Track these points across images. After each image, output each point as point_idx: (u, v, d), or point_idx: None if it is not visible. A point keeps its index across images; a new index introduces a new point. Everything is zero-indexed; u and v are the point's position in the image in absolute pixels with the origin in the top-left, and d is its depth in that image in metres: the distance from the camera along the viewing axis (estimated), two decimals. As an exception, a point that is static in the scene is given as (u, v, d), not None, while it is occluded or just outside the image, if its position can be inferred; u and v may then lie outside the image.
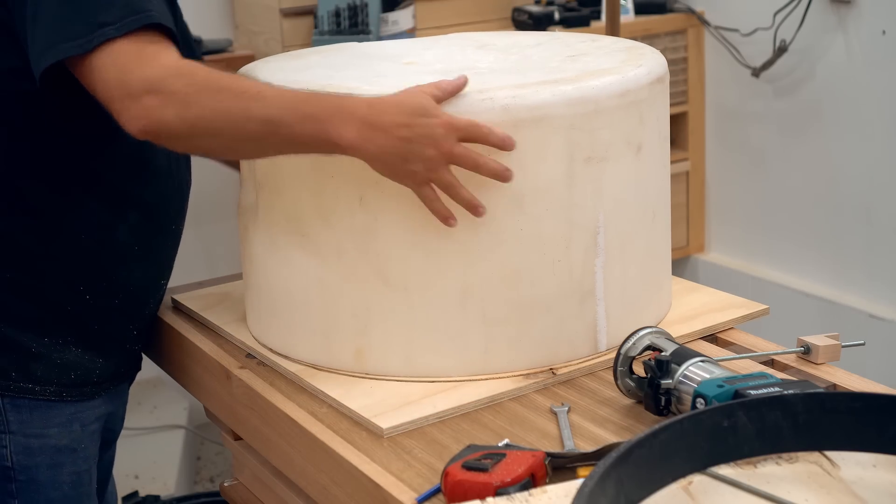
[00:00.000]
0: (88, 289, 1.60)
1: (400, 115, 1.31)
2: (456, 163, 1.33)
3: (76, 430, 1.63)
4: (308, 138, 1.33)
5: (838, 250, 3.32)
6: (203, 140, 1.38)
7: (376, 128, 1.31)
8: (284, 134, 1.33)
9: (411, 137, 1.31)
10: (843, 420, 1.13)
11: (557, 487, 1.12)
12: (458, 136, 1.32)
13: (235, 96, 1.34)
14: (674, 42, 3.58)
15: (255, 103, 1.34)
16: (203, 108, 1.34)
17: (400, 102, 1.33)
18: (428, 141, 1.31)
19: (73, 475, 1.63)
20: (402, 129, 1.31)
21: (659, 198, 1.57)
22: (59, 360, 1.60)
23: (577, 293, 1.46)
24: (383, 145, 1.31)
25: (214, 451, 3.47)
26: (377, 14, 3.05)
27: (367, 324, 1.45)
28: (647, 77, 1.49)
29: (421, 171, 1.32)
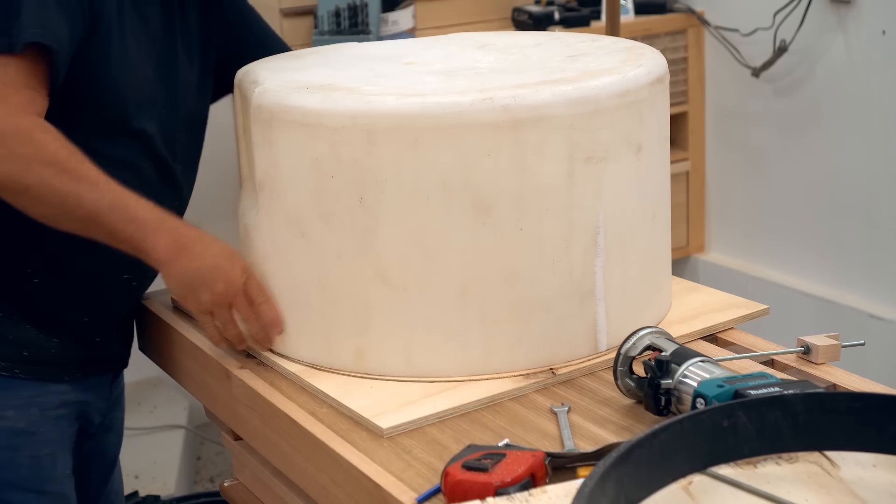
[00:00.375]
0: (36, 272, 1.62)
1: (206, 247, 1.48)
2: (237, 303, 1.48)
3: (34, 414, 1.63)
4: (125, 238, 1.45)
5: (838, 250, 3.32)
6: (26, 203, 1.45)
7: (183, 249, 1.46)
8: (106, 228, 1.44)
9: (208, 269, 1.46)
10: (843, 420, 1.13)
11: (557, 487, 1.12)
12: (248, 287, 1.49)
13: (73, 180, 1.43)
14: (674, 42, 3.58)
15: (88, 193, 1.43)
16: (41, 180, 1.41)
17: (213, 240, 1.49)
18: (222, 277, 1.47)
19: (32, 458, 1.64)
20: (205, 260, 1.47)
21: (659, 198, 1.57)
22: (13, 337, 1.62)
23: (577, 293, 1.46)
24: (184, 269, 1.46)
25: (214, 451, 3.47)
26: (377, 14, 3.05)
27: (368, 324, 1.45)
28: (647, 77, 1.49)
29: (206, 302, 1.47)
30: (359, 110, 1.39)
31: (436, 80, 1.50)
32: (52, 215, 1.46)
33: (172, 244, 1.45)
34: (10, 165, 1.41)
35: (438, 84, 1.48)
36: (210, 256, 1.47)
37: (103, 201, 1.43)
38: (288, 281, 1.51)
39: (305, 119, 1.42)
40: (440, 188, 1.39)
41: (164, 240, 1.45)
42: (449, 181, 1.38)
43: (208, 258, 1.47)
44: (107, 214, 1.43)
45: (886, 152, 3.13)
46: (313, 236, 1.46)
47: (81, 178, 1.43)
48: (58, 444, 1.68)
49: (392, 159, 1.39)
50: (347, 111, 1.40)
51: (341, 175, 1.41)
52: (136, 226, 1.44)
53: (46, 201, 1.44)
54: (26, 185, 1.42)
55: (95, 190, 1.43)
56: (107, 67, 1.54)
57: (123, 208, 1.44)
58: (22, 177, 1.42)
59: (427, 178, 1.39)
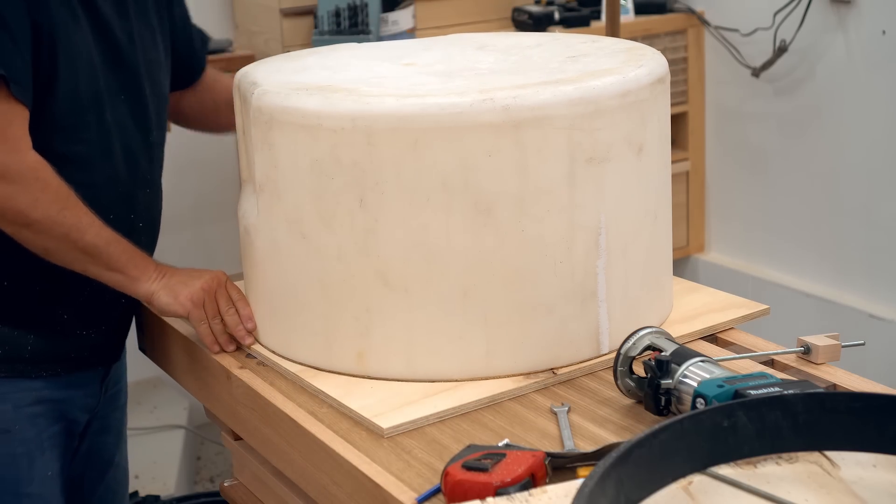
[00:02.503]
0: (6, 271, 1.64)
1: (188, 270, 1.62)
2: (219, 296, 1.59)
3: (7, 410, 1.65)
4: (120, 267, 1.57)
5: (838, 250, 3.32)
6: (28, 233, 1.53)
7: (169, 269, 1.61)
8: (104, 259, 1.55)
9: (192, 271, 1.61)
10: (843, 420, 1.13)
11: (557, 487, 1.12)
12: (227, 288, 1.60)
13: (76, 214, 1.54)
14: (674, 42, 3.58)
15: (89, 227, 1.54)
16: (48, 215, 1.51)
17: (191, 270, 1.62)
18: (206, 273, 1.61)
19: (7, 457, 1.65)
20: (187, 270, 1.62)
21: (660, 198, 1.57)
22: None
23: (579, 294, 1.46)
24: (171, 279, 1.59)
25: (214, 451, 3.47)
26: (377, 14, 3.05)
27: (369, 326, 1.45)
28: (647, 77, 1.49)
29: (196, 291, 1.58)
30: (358, 111, 1.39)
31: (436, 81, 1.50)
32: (53, 247, 1.55)
33: (161, 268, 1.60)
34: (19, 201, 1.50)
35: (438, 85, 1.48)
36: (191, 269, 1.63)
37: (102, 236, 1.55)
38: (288, 283, 1.51)
39: (305, 120, 1.42)
40: (440, 189, 1.39)
41: (153, 266, 1.60)
42: (449, 182, 1.38)
43: (197, 270, 1.63)
44: (106, 247, 1.55)
45: (886, 152, 3.13)
46: (314, 238, 1.46)
47: (83, 214, 1.54)
48: (34, 444, 1.67)
49: (392, 160, 1.39)
50: (347, 112, 1.39)
51: (341, 176, 1.41)
52: (129, 256, 1.57)
53: (51, 234, 1.53)
54: (33, 219, 1.51)
55: (95, 225, 1.55)
56: (55, 65, 1.57)
57: (118, 241, 1.57)
58: (30, 212, 1.51)
59: (427, 179, 1.38)
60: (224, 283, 1.61)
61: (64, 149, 1.60)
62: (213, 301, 1.58)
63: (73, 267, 1.57)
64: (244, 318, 1.59)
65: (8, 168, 1.50)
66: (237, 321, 1.59)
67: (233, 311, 1.59)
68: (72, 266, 1.57)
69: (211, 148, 3.59)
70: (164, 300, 1.58)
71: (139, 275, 1.58)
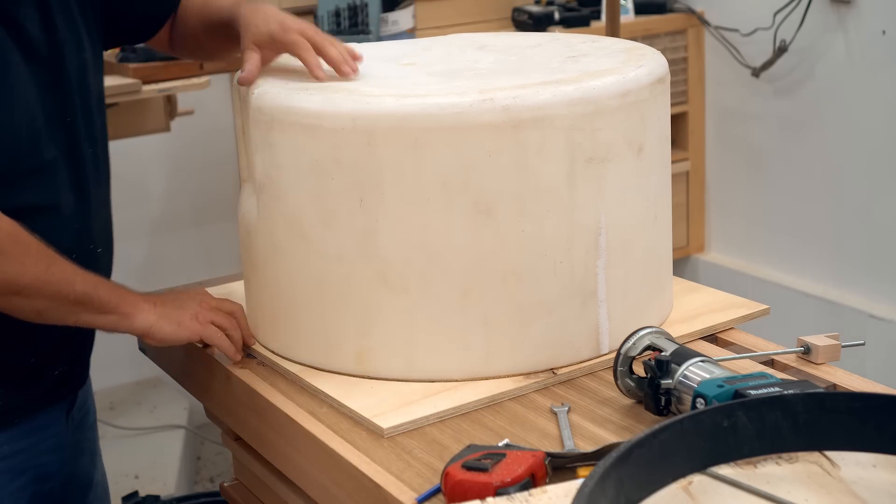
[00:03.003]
0: None
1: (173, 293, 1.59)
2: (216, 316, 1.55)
3: None
4: (112, 307, 1.49)
5: (838, 250, 3.32)
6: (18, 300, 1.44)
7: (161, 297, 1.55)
8: (95, 304, 1.47)
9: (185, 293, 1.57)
10: (843, 420, 1.13)
11: (557, 487, 1.12)
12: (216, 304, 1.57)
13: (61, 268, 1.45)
14: (674, 42, 3.58)
15: (77, 277, 1.46)
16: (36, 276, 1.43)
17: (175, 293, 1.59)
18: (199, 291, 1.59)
19: None
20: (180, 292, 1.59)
21: (660, 198, 1.57)
22: None
23: (579, 295, 1.46)
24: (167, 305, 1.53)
25: (214, 451, 3.47)
26: (377, 14, 3.05)
27: (369, 326, 1.45)
28: (647, 77, 1.49)
29: (202, 312, 1.54)
30: (358, 111, 1.39)
31: (435, 81, 1.50)
32: (45, 307, 1.46)
33: (151, 298, 1.54)
34: (5, 271, 1.41)
35: (438, 85, 1.47)
36: (174, 293, 1.59)
37: (89, 282, 1.48)
38: (288, 283, 1.51)
39: (305, 120, 1.42)
40: (440, 189, 1.39)
41: (138, 298, 1.53)
42: (449, 182, 1.38)
43: (180, 292, 1.59)
44: (95, 291, 1.48)
45: (886, 152, 3.13)
46: (314, 238, 1.46)
47: (66, 264, 1.46)
48: (8, 500, 1.58)
49: (392, 160, 1.39)
50: (347, 112, 1.39)
51: (341, 176, 1.41)
52: (118, 294, 1.50)
53: (43, 294, 1.44)
54: (24, 285, 1.43)
55: (80, 273, 1.47)
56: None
57: (103, 282, 1.50)
58: (19, 278, 1.42)
59: (427, 179, 1.38)
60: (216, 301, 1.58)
61: (8, 204, 1.45)
62: (219, 312, 1.56)
63: (65, 321, 1.49)
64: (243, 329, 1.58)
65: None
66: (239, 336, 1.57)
67: (234, 325, 1.57)
68: (64, 321, 1.49)
69: (211, 148, 3.60)
70: (167, 329, 1.52)
71: (131, 310, 1.51)
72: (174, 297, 1.56)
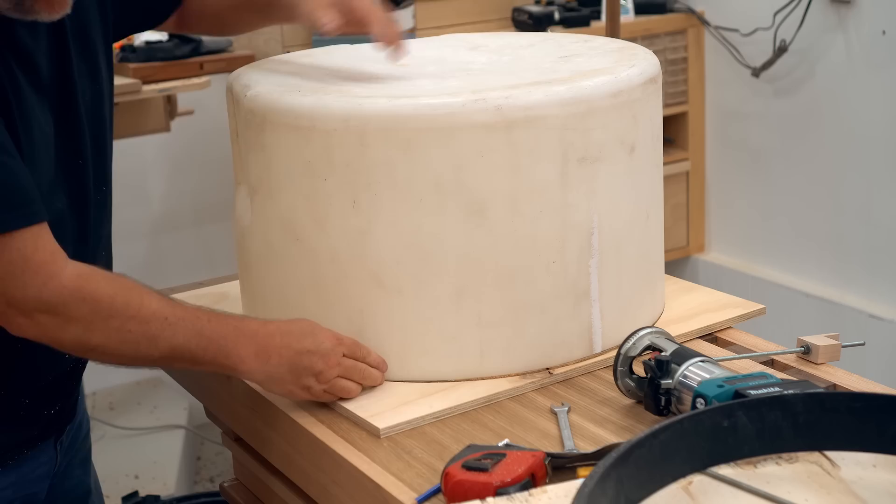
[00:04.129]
0: None
1: (287, 337, 1.39)
2: (345, 375, 1.40)
3: None
4: (209, 361, 1.36)
5: (838, 250, 3.32)
6: (102, 358, 1.35)
7: (269, 350, 1.37)
8: (188, 359, 1.36)
9: (301, 353, 1.38)
10: (843, 420, 1.13)
11: (557, 487, 1.12)
12: (343, 350, 1.40)
13: (141, 324, 1.32)
14: (674, 42, 3.58)
15: (161, 332, 1.33)
16: (108, 338, 1.31)
17: (288, 326, 1.41)
18: (316, 356, 1.38)
19: None
20: (291, 349, 1.38)
21: (653, 198, 1.57)
22: None
23: (572, 294, 1.46)
24: (277, 365, 1.37)
25: (214, 451, 3.47)
26: (377, 14, 3.04)
27: (362, 327, 1.45)
28: (639, 77, 1.48)
29: (315, 386, 1.39)
30: (351, 112, 1.39)
31: (428, 82, 1.50)
32: (127, 362, 1.38)
33: (256, 352, 1.37)
34: (72, 331, 1.31)
35: (431, 85, 1.47)
36: (295, 343, 1.39)
37: (178, 335, 1.34)
38: (282, 284, 1.51)
39: (297, 121, 1.42)
40: (433, 190, 1.39)
41: (245, 350, 1.37)
42: (442, 182, 1.38)
43: (294, 345, 1.39)
44: (184, 346, 1.34)
45: (886, 152, 3.13)
46: (307, 239, 1.46)
47: (149, 320, 1.32)
48: None
49: (385, 161, 1.38)
50: (339, 113, 1.39)
51: (334, 177, 1.41)
52: (217, 346, 1.36)
53: (119, 353, 1.34)
54: (94, 345, 1.32)
55: (167, 326, 1.33)
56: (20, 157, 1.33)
57: (198, 334, 1.35)
58: (87, 339, 1.31)
59: (420, 179, 1.38)
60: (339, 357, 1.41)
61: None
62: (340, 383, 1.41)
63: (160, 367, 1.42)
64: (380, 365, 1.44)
65: (47, 301, 1.28)
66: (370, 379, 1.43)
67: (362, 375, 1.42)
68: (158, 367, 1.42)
69: (211, 148, 3.60)
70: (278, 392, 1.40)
71: (234, 365, 1.37)
72: (292, 359, 1.38)
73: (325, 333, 1.41)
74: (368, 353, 1.43)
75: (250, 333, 1.38)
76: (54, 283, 1.29)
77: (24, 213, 1.28)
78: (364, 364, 1.42)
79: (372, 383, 1.43)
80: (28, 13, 1.33)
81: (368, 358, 1.43)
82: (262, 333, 1.38)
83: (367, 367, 1.42)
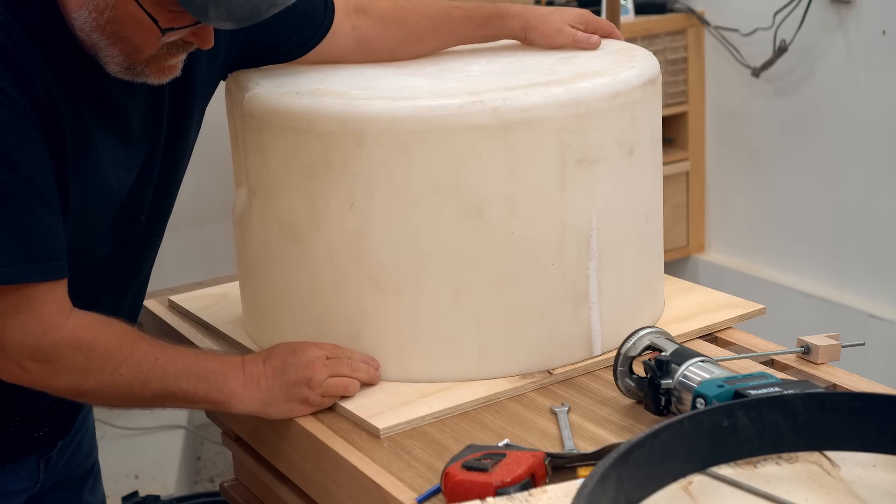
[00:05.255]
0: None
1: (270, 360, 1.41)
2: (335, 373, 1.40)
3: None
4: (202, 399, 1.39)
5: (838, 250, 3.32)
6: (95, 401, 1.40)
7: (257, 377, 1.40)
8: (180, 398, 1.38)
9: (286, 369, 1.40)
10: (843, 420, 1.13)
11: (557, 487, 1.12)
12: (325, 353, 1.42)
13: (132, 368, 1.34)
14: (674, 42, 3.58)
15: (152, 373, 1.35)
16: (101, 383, 1.34)
17: (267, 352, 1.43)
18: (301, 366, 1.40)
19: None
20: (276, 369, 1.40)
21: (652, 200, 1.57)
22: None
23: (571, 296, 1.46)
24: (268, 388, 1.39)
25: (214, 451, 3.47)
26: (377, 14, 3.04)
27: (361, 329, 1.45)
28: (638, 79, 1.48)
29: (310, 394, 1.39)
30: (348, 114, 1.39)
31: (426, 84, 1.50)
32: (119, 405, 1.43)
33: (245, 381, 1.40)
34: (65, 378, 1.33)
35: (428, 87, 1.47)
36: (279, 363, 1.41)
37: (169, 376, 1.36)
38: (281, 285, 1.51)
39: (296, 124, 1.42)
40: (431, 192, 1.38)
41: (235, 382, 1.40)
42: (440, 184, 1.38)
43: (278, 365, 1.41)
44: (175, 386, 1.37)
45: (886, 152, 3.13)
46: (305, 241, 1.46)
47: (141, 363, 1.35)
48: None
49: (382, 163, 1.38)
50: (337, 115, 1.39)
51: (332, 179, 1.41)
52: (207, 382, 1.38)
53: (112, 396, 1.37)
54: (87, 390, 1.35)
55: (158, 368, 1.36)
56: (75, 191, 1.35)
57: (188, 373, 1.37)
58: (80, 385, 1.34)
59: (418, 181, 1.38)
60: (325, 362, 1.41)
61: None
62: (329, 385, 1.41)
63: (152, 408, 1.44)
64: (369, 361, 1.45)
65: (43, 350, 1.30)
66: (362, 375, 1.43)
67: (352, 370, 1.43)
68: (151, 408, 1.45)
69: (211, 148, 3.58)
70: (277, 415, 1.41)
71: (226, 400, 1.39)
72: (278, 379, 1.40)
73: (304, 345, 1.43)
74: (353, 352, 1.44)
75: (236, 365, 1.40)
76: (53, 335, 1.31)
77: (44, 269, 1.29)
78: (349, 358, 1.43)
79: (366, 377, 1.43)
80: (138, 76, 1.35)
81: (353, 355, 1.44)
82: (247, 362, 1.41)
83: (353, 360, 1.43)
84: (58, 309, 1.32)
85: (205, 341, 1.65)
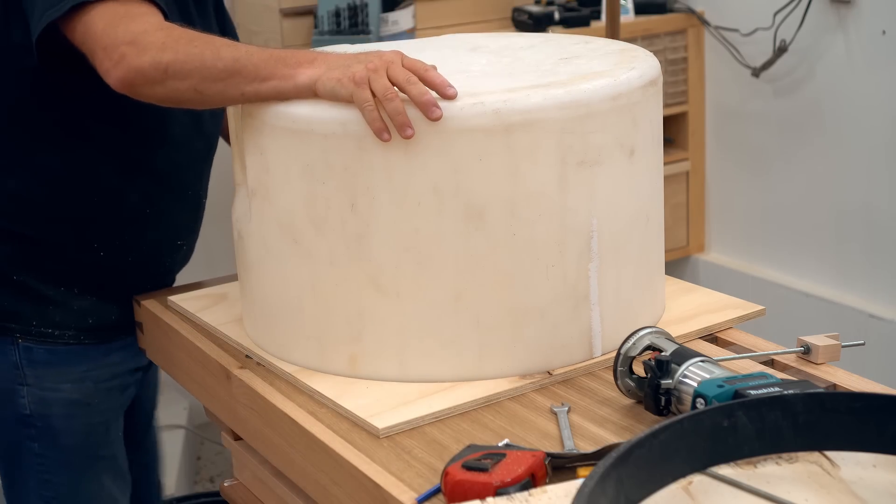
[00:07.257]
0: (102, 246, 1.77)
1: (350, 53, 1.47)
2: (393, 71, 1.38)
3: (89, 387, 1.81)
4: (268, 74, 1.44)
5: (838, 250, 3.32)
6: (173, 83, 1.48)
7: (328, 57, 1.44)
8: (249, 71, 1.44)
9: (359, 55, 1.44)
10: (843, 420, 1.13)
11: (557, 487, 1.12)
12: (404, 61, 1.41)
13: (207, 42, 1.48)
14: (674, 42, 3.58)
15: (225, 47, 1.47)
16: (177, 52, 1.46)
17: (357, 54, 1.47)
18: (374, 55, 1.42)
19: (86, 426, 1.83)
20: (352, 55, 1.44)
21: (652, 201, 1.57)
22: (76, 307, 1.78)
23: (572, 298, 1.46)
24: (332, 63, 1.42)
25: (214, 451, 3.47)
26: (377, 14, 3.05)
27: (361, 330, 1.45)
28: (639, 80, 1.48)
29: (360, 71, 1.38)
30: (349, 116, 1.38)
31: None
32: (194, 85, 1.47)
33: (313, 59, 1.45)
34: (148, 55, 1.47)
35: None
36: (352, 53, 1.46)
37: (240, 49, 1.47)
38: (281, 287, 1.51)
39: (296, 125, 1.42)
40: (431, 194, 1.38)
41: (304, 57, 1.45)
42: (440, 186, 1.38)
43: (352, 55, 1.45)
44: (247, 59, 1.45)
45: (886, 152, 3.13)
46: (305, 243, 1.46)
47: (212, 39, 1.49)
48: (111, 413, 1.86)
49: (383, 165, 1.38)
50: (338, 117, 1.39)
51: (332, 181, 1.41)
52: (276, 57, 1.45)
53: (187, 70, 1.46)
54: (165, 64, 1.46)
55: (228, 43, 1.48)
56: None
57: (260, 49, 1.47)
58: (160, 59, 1.46)
59: (418, 183, 1.38)
60: (397, 59, 1.40)
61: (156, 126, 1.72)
62: (383, 78, 1.38)
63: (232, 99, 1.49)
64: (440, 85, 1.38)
65: (132, 32, 1.49)
66: (422, 90, 1.36)
67: (415, 79, 1.38)
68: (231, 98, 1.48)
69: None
70: (329, 85, 1.40)
71: (291, 71, 1.43)
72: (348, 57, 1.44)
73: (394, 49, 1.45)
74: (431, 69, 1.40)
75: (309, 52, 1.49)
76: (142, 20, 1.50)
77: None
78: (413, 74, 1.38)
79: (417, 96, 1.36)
80: None
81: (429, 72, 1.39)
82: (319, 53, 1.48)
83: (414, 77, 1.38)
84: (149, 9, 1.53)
85: (205, 341, 1.65)
